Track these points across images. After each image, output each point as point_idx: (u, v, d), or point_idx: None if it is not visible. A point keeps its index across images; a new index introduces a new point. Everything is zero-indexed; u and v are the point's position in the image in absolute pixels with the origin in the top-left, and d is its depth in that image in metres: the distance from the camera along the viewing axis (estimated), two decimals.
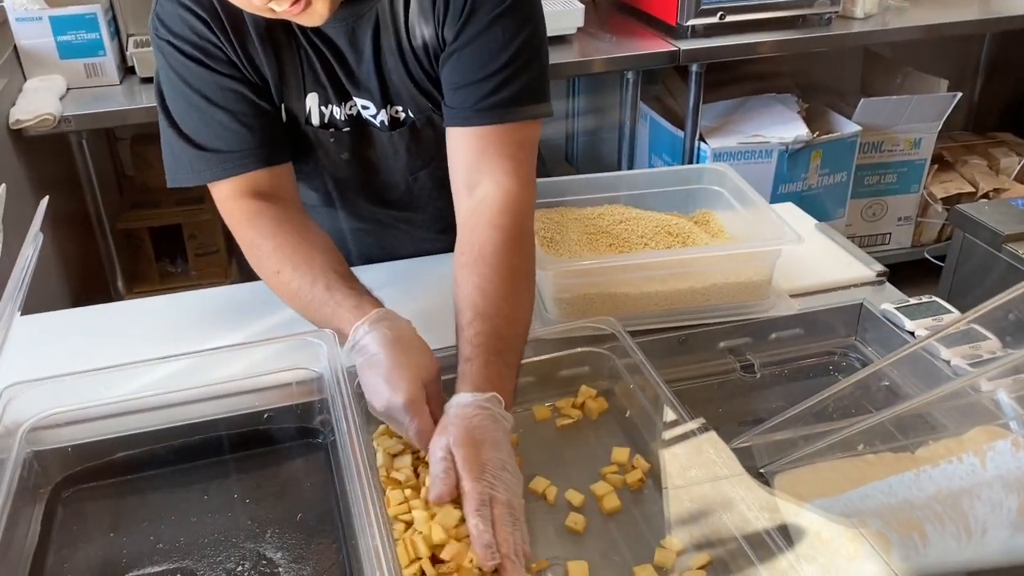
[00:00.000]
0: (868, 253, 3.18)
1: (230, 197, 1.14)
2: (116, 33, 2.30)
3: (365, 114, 1.18)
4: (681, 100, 2.65)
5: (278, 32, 1.11)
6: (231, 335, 1.19)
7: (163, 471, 1.02)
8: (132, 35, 2.34)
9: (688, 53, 2.42)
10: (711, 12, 2.45)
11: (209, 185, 1.15)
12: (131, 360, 1.05)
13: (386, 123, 1.19)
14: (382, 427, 1.06)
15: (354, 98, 1.17)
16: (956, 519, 0.65)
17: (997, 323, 0.97)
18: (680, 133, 2.61)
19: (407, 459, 1.02)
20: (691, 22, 2.45)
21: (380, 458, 1.02)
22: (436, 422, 0.93)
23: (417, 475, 1.00)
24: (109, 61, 2.25)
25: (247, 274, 1.18)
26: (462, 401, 0.92)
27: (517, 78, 1.09)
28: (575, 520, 0.95)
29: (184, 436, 1.03)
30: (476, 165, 1.09)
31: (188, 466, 1.03)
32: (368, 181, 1.27)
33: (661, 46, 2.44)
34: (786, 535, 0.85)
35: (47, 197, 1.02)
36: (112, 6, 2.30)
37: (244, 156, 1.12)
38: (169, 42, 1.09)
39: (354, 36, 1.11)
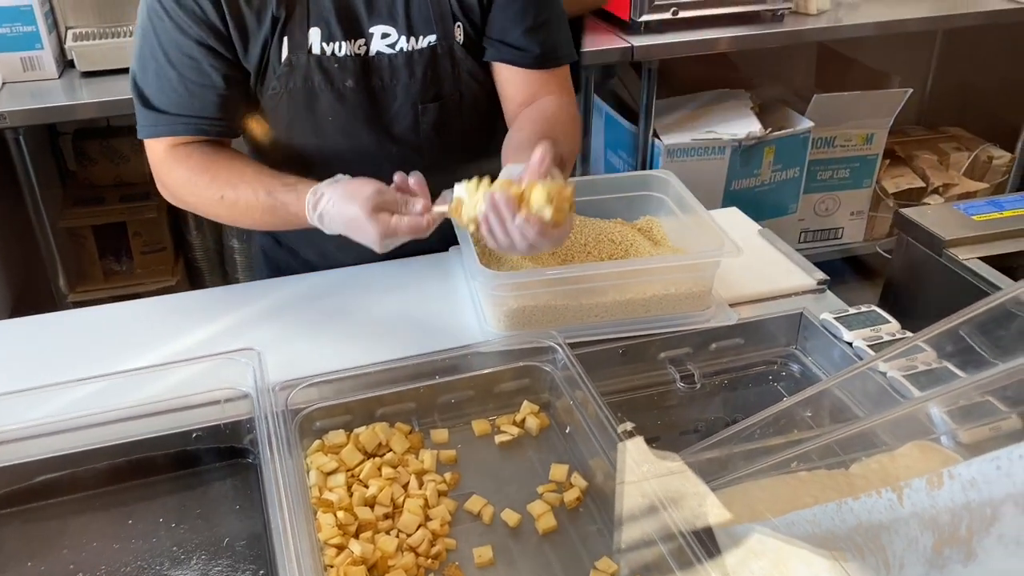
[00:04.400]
0: (821, 247, 3.16)
1: (162, 151, 1.20)
2: (54, 26, 2.22)
3: (382, 43, 1.20)
4: (636, 95, 2.64)
5: None
6: (168, 347, 1.16)
7: (86, 494, 0.99)
8: (71, 28, 2.27)
9: (642, 50, 2.41)
10: (665, 7, 2.44)
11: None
12: (58, 379, 1.03)
13: (405, 49, 1.20)
14: (316, 443, 1.04)
15: (370, 29, 1.19)
16: (876, 552, 0.64)
17: (941, 345, 0.97)
18: (635, 129, 2.60)
19: (341, 478, 1.00)
20: (645, 17, 2.43)
21: (313, 477, 1.00)
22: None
23: (351, 494, 0.98)
24: (47, 55, 2.17)
25: (194, 272, 1.17)
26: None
27: (561, 22, 1.27)
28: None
29: (108, 458, 1.00)
30: (536, 94, 1.26)
31: (112, 489, 1.00)
32: (372, 113, 1.25)
33: (615, 42, 2.42)
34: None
35: None
36: None
37: (176, 121, 1.17)
38: None
39: None
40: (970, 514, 0.55)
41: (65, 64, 2.26)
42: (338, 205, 1.07)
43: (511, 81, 1.26)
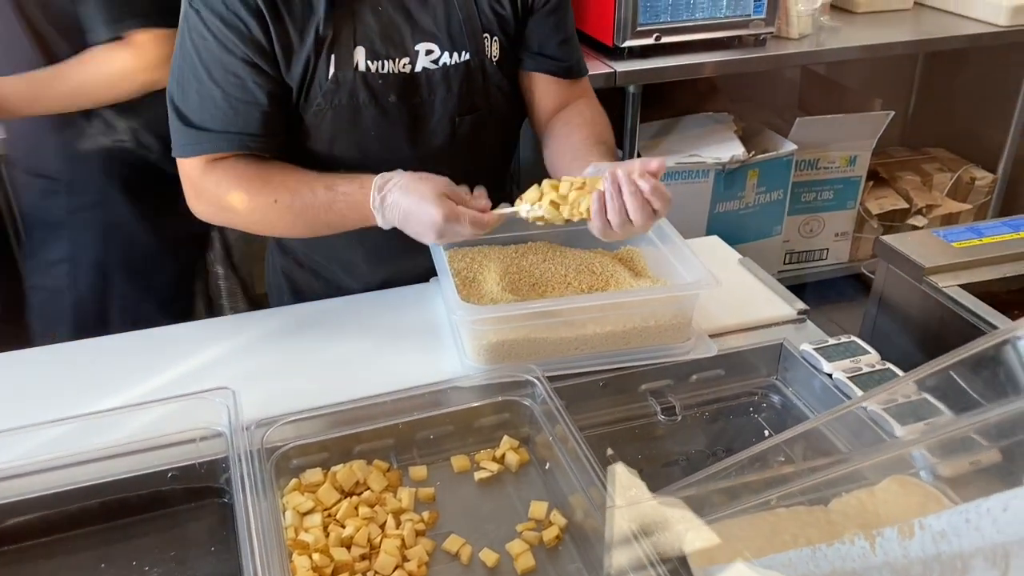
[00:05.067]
0: (806, 269, 3.14)
1: (201, 165, 1.19)
2: None
3: (426, 60, 1.23)
4: (620, 120, 2.65)
5: None
6: (142, 385, 1.15)
7: (58, 537, 0.98)
8: None
9: (624, 75, 2.42)
10: (647, 33, 2.44)
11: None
12: (30, 420, 1.01)
13: (447, 63, 1.25)
14: (292, 482, 1.03)
15: (415, 47, 1.22)
16: None
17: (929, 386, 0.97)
18: (619, 153, 2.61)
19: (317, 518, 0.99)
20: (627, 43, 2.44)
21: (289, 517, 0.98)
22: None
23: (327, 535, 0.97)
24: None
25: None
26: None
27: (576, 39, 1.38)
28: None
29: (81, 500, 0.99)
30: (566, 102, 1.36)
31: (85, 531, 0.98)
32: (413, 127, 1.27)
33: (598, 68, 2.43)
34: None
35: None
36: None
37: (220, 138, 1.17)
38: (198, 12, 1.14)
39: None
40: (941, 566, 0.55)
41: None
42: (407, 188, 1.12)
43: (546, 91, 1.35)
